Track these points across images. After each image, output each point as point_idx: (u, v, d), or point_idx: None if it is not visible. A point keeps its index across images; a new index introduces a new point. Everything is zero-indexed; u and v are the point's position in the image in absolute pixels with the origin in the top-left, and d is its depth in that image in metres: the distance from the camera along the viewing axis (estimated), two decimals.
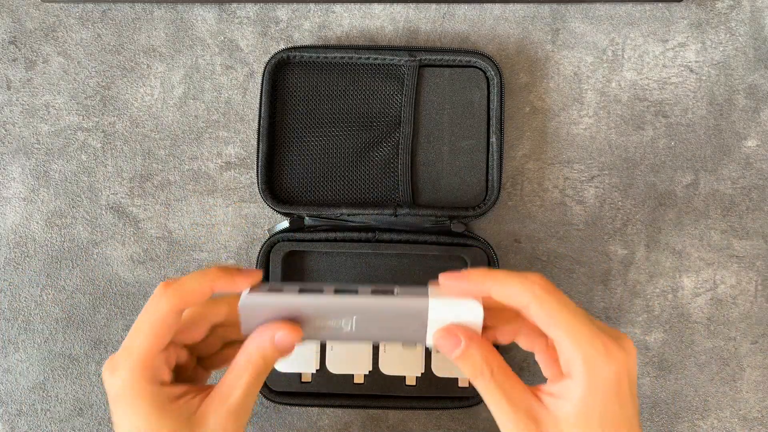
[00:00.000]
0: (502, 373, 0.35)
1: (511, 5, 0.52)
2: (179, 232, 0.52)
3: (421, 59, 0.50)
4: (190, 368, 0.40)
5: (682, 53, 0.52)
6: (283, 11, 0.52)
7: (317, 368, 0.49)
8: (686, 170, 0.52)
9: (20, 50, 0.52)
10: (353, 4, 0.52)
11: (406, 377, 0.49)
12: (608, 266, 0.52)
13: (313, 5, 0.52)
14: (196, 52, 0.52)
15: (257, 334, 0.37)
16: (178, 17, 0.52)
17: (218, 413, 0.36)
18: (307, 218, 0.49)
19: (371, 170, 0.50)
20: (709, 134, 0.52)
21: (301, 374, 0.49)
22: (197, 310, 0.39)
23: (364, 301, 0.37)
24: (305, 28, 0.52)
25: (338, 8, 0.52)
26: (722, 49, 0.52)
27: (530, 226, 0.52)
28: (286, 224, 0.50)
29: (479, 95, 0.50)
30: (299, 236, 0.49)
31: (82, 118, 0.52)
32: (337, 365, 0.49)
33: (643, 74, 0.52)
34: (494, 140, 0.49)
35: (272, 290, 0.38)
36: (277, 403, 0.49)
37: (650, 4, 0.52)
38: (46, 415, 0.51)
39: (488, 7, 0.53)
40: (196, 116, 0.52)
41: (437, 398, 0.49)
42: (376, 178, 0.50)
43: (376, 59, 0.50)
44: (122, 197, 0.52)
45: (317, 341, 0.48)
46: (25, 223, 0.52)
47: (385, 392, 0.49)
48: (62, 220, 0.52)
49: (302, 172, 0.50)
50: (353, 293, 0.37)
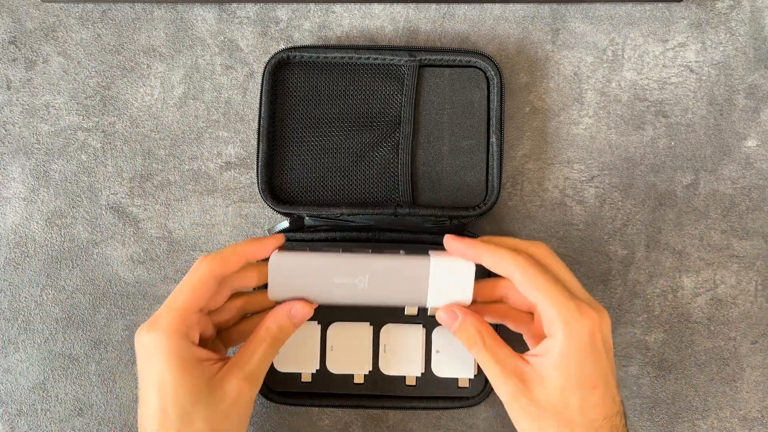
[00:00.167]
0: (492, 341, 0.41)
1: (511, 5, 0.52)
2: (179, 232, 0.52)
3: (421, 59, 0.50)
4: (211, 340, 0.44)
5: (682, 53, 0.52)
6: (283, 11, 0.52)
7: (317, 368, 0.49)
8: (686, 170, 0.52)
9: (20, 50, 0.52)
10: (353, 4, 0.52)
11: (406, 377, 0.49)
12: (608, 266, 0.52)
13: (313, 5, 0.52)
14: (196, 52, 0.52)
15: (275, 310, 0.43)
16: (178, 17, 0.52)
17: (236, 377, 0.41)
18: (307, 218, 0.49)
19: (371, 170, 0.50)
20: (709, 134, 0.52)
21: (301, 374, 0.49)
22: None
23: (376, 259, 0.44)
24: (305, 28, 0.52)
25: (338, 8, 0.52)
26: (722, 49, 0.52)
27: (530, 226, 0.52)
28: (286, 224, 0.50)
29: (479, 95, 0.50)
30: (299, 236, 0.49)
31: (82, 118, 0.52)
32: (337, 365, 0.49)
33: (643, 74, 0.52)
34: (494, 140, 0.49)
35: (297, 251, 0.44)
36: (277, 403, 0.49)
37: (650, 4, 0.52)
38: (46, 415, 0.51)
39: (488, 7, 0.53)
40: (196, 116, 0.52)
41: (437, 398, 0.49)
42: (376, 178, 0.50)
43: (376, 59, 0.50)
44: (122, 197, 0.52)
45: (323, 337, 0.48)
46: (25, 223, 0.52)
47: (385, 392, 0.49)
48: (62, 220, 0.52)
49: (302, 172, 0.50)
50: (366, 252, 0.44)
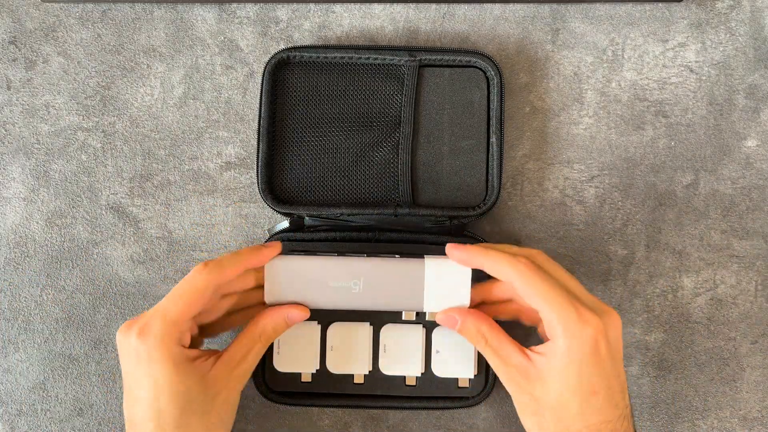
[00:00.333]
0: (494, 338, 0.42)
1: (511, 5, 0.52)
2: (179, 232, 0.52)
3: (421, 59, 0.50)
4: (195, 335, 0.45)
5: (682, 53, 0.52)
6: (283, 11, 0.52)
7: (317, 368, 0.49)
8: (686, 170, 0.52)
9: (20, 50, 0.52)
10: (353, 4, 0.52)
11: (406, 377, 0.49)
12: (608, 266, 0.52)
13: (313, 5, 0.52)
14: (196, 52, 0.52)
15: (270, 311, 0.44)
16: (178, 17, 0.52)
17: (229, 374, 0.42)
18: (307, 218, 0.49)
19: (371, 170, 0.50)
20: (709, 134, 0.52)
21: (301, 374, 0.49)
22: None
23: (370, 262, 0.45)
24: (305, 28, 0.52)
25: (338, 8, 0.52)
26: (722, 49, 0.52)
27: (530, 226, 0.52)
28: (286, 224, 0.50)
29: (479, 95, 0.50)
30: (299, 236, 0.49)
31: (82, 118, 0.52)
32: (337, 365, 0.49)
33: (643, 74, 0.52)
34: (494, 140, 0.49)
35: (293, 255, 0.45)
36: (277, 402, 0.49)
37: (650, 4, 0.52)
38: (46, 415, 0.51)
39: (488, 7, 0.53)
40: (196, 116, 0.52)
41: (437, 398, 0.49)
42: (376, 178, 0.50)
43: (376, 59, 0.50)
44: (122, 197, 0.52)
45: (322, 327, 0.48)
46: (25, 223, 0.52)
47: (385, 392, 0.49)
48: (62, 220, 0.52)
49: (302, 172, 0.50)
50: (362, 256, 0.45)
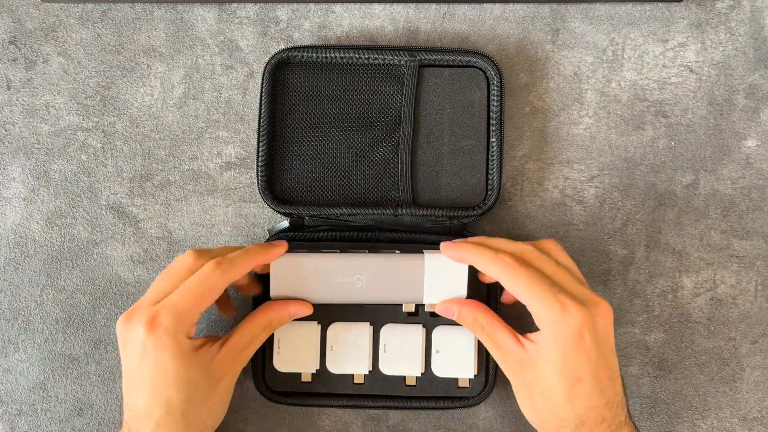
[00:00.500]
0: (490, 326, 0.44)
1: (511, 5, 0.52)
2: (179, 232, 0.52)
3: (421, 59, 0.50)
4: None
5: (682, 53, 0.52)
6: (283, 11, 0.52)
7: (317, 368, 0.49)
8: (686, 170, 0.52)
9: (20, 50, 0.52)
10: (353, 4, 0.52)
11: (406, 377, 0.49)
12: (608, 266, 0.52)
13: (313, 5, 0.52)
14: (196, 52, 0.52)
15: (276, 304, 0.46)
16: (178, 17, 0.52)
17: (232, 361, 0.44)
18: (307, 218, 0.49)
19: (371, 170, 0.50)
20: (709, 134, 0.52)
21: (301, 374, 0.49)
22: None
23: (372, 258, 0.47)
24: (305, 28, 0.52)
25: (338, 8, 0.52)
26: (722, 49, 0.52)
27: (530, 226, 0.52)
28: (286, 224, 0.50)
29: (479, 95, 0.50)
30: (299, 236, 0.49)
31: (82, 118, 0.52)
32: (337, 365, 0.49)
33: (643, 74, 0.52)
34: (494, 140, 0.49)
35: (297, 252, 0.47)
36: (277, 402, 0.49)
37: (650, 4, 0.52)
38: (46, 415, 0.51)
39: (488, 7, 0.53)
40: (196, 116, 0.52)
41: (437, 398, 0.49)
42: (376, 178, 0.50)
43: (376, 59, 0.50)
44: (122, 197, 0.52)
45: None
46: (25, 223, 0.52)
47: (385, 392, 0.49)
48: (62, 220, 0.52)
49: (302, 172, 0.50)
50: (363, 252, 0.47)
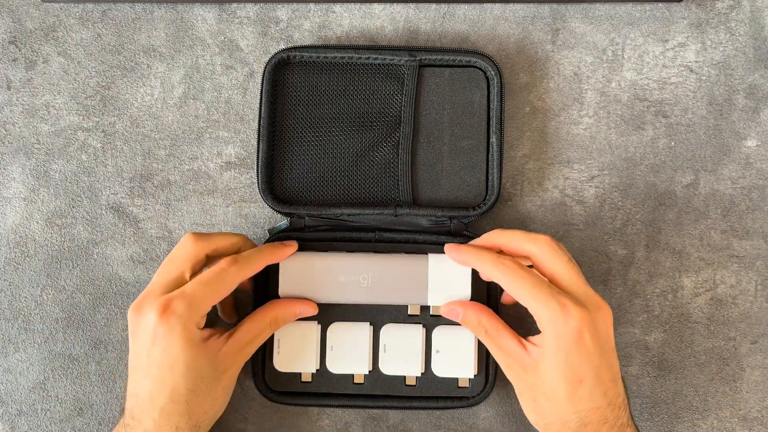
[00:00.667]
0: (494, 329, 0.45)
1: (511, 5, 0.52)
2: (179, 232, 0.52)
3: (421, 59, 0.50)
4: None
5: (682, 53, 0.52)
6: (283, 11, 0.52)
7: (317, 368, 0.49)
8: (686, 170, 0.52)
9: (20, 50, 0.52)
10: (353, 4, 0.52)
11: (406, 377, 0.49)
12: (608, 266, 0.52)
13: (313, 5, 0.52)
14: (196, 52, 0.52)
15: (283, 302, 0.47)
16: (178, 17, 0.52)
17: (237, 354, 0.45)
18: (307, 218, 0.49)
19: (371, 170, 0.50)
20: (709, 134, 0.52)
21: (301, 374, 0.49)
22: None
23: (378, 258, 0.48)
24: (305, 28, 0.52)
25: (338, 8, 0.52)
26: (722, 49, 0.52)
27: (530, 226, 0.52)
28: (286, 224, 0.50)
29: (479, 95, 0.50)
30: (299, 236, 0.49)
31: (82, 118, 0.52)
32: (337, 365, 0.49)
33: (643, 74, 0.52)
34: (494, 140, 0.49)
35: (305, 252, 0.48)
36: (277, 402, 0.49)
37: (650, 4, 0.52)
38: (46, 415, 0.51)
39: (488, 7, 0.53)
40: (196, 116, 0.52)
41: (437, 398, 0.49)
42: (376, 178, 0.50)
43: (376, 59, 0.50)
44: (122, 197, 0.52)
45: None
46: (25, 223, 0.52)
47: (385, 392, 0.49)
48: (62, 220, 0.52)
49: (302, 172, 0.50)
50: (369, 253, 0.49)
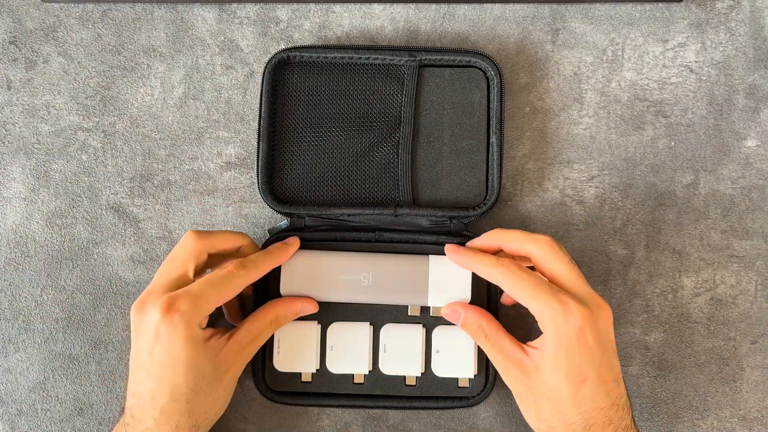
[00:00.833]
0: (494, 333, 0.45)
1: (511, 5, 0.52)
2: (179, 232, 0.52)
3: (421, 59, 0.50)
4: None
5: (682, 53, 0.52)
6: (283, 11, 0.52)
7: (317, 368, 0.49)
8: (686, 170, 0.52)
9: (20, 50, 0.52)
10: (353, 4, 0.52)
11: (406, 377, 0.49)
12: (608, 266, 0.52)
13: (313, 5, 0.52)
14: (196, 52, 0.52)
15: (284, 301, 0.47)
16: (178, 17, 0.52)
17: (239, 354, 0.45)
18: (307, 218, 0.49)
19: (371, 170, 0.50)
20: (709, 134, 0.52)
21: (301, 374, 0.49)
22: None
23: (379, 257, 0.48)
24: (305, 28, 0.52)
25: (338, 8, 0.52)
26: (722, 49, 0.52)
27: (530, 226, 0.52)
28: (286, 224, 0.50)
29: (479, 95, 0.50)
30: (299, 236, 0.49)
31: (82, 118, 0.52)
32: (337, 365, 0.49)
33: (643, 74, 0.52)
34: (494, 140, 0.49)
35: (307, 250, 0.48)
36: (277, 402, 0.49)
37: (650, 4, 0.52)
38: (46, 415, 0.51)
39: (488, 7, 0.53)
40: (196, 116, 0.52)
41: (437, 398, 0.49)
42: (376, 178, 0.50)
43: (376, 59, 0.50)
44: (122, 197, 0.52)
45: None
46: (25, 223, 0.52)
47: (385, 392, 0.49)
48: (62, 220, 0.52)
49: (302, 172, 0.50)
50: (371, 253, 0.49)
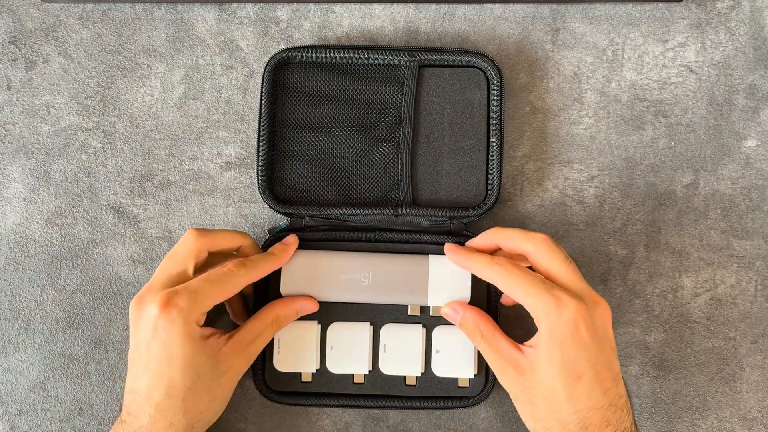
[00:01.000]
0: (490, 333, 0.45)
1: (511, 5, 0.52)
2: (179, 232, 0.52)
3: (421, 59, 0.50)
4: None
5: (682, 53, 0.52)
6: (283, 11, 0.52)
7: (317, 368, 0.49)
8: (686, 170, 0.52)
9: (20, 50, 0.52)
10: (353, 4, 0.52)
11: (406, 377, 0.49)
12: (608, 266, 0.52)
13: (313, 5, 0.52)
14: (196, 52, 0.52)
15: (284, 301, 0.47)
16: (178, 17, 0.52)
17: (239, 355, 0.44)
18: (307, 218, 0.49)
19: (371, 170, 0.50)
20: (709, 134, 0.52)
21: (301, 374, 0.49)
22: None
23: (379, 256, 0.48)
24: (305, 28, 0.52)
25: (338, 8, 0.52)
26: (722, 49, 0.52)
27: (530, 226, 0.52)
28: (286, 224, 0.50)
29: (479, 95, 0.50)
30: (299, 236, 0.49)
31: (82, 118, 0.52)
32: (337, 365, 0.49)
33: (643, 74, 0.52)
34: (494, 140, 0.49)
35: (307, 250, 0.48)
36: (277, 402, 0.49)
37: (650, 4, 0.52)
38: (46, 415, 0.51)
39: (488, 7, 0.53)
40: (196, 116, 0.52)
41: (437, 398, 0.49)
42: (376, 178, 0.50)
43: (376, 59, 0.50)
44: (122, 197, 0.52)
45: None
46: (25, 223, 0.52)
47: (385, 392, 0.49)
48: (62, 220, 0.52)
49: (302, 172, 0.50)
50: (371, 253, 0.49)
